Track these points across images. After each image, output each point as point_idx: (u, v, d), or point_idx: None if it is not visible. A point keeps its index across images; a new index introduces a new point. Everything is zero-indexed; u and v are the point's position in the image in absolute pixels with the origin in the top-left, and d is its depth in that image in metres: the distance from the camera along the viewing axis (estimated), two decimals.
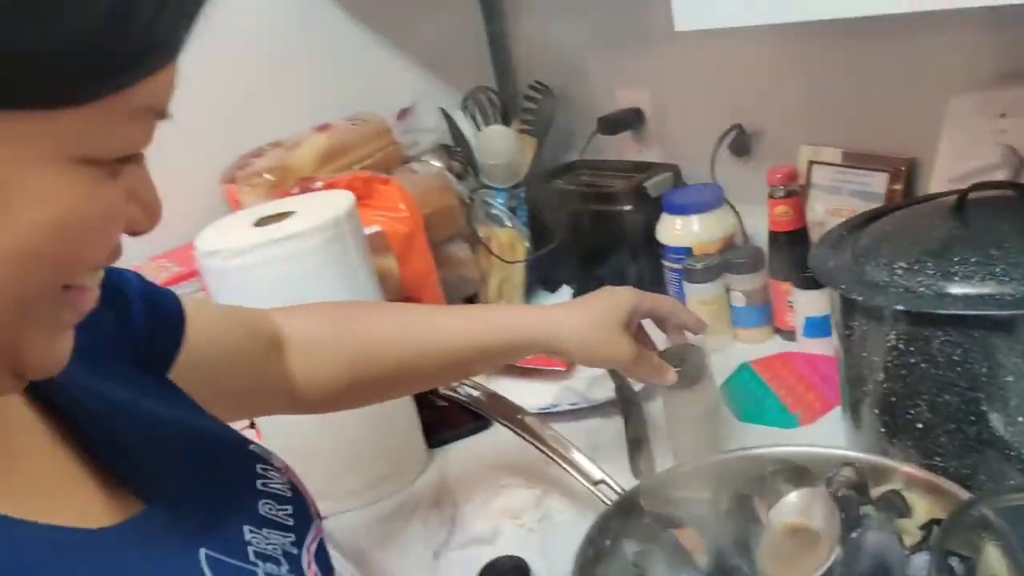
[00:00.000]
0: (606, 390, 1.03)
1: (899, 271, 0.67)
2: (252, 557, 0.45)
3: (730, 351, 1.13)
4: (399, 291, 1.12)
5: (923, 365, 0.66)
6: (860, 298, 0.68)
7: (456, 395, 0.89)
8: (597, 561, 0.68)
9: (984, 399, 0.64)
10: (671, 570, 0.66)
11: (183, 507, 0.43)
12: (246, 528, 0.47)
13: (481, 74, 1.50)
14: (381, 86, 1.40)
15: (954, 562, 0.60)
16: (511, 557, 0.82)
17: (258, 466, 0.52)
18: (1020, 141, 0.87)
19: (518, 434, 0.83)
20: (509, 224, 1.36)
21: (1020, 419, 0.63)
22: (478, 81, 1.47)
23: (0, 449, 0.41)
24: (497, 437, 1.06)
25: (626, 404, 0.93)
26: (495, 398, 0.87)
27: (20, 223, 0.34)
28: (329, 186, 1.10)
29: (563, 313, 0.80)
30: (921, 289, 0.65)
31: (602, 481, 0.77)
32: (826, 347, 1.04)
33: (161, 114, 0.37)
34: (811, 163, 1.15)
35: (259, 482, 0.51)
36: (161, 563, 0.41)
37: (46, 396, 0.45)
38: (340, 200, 0.95)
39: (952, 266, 0.65)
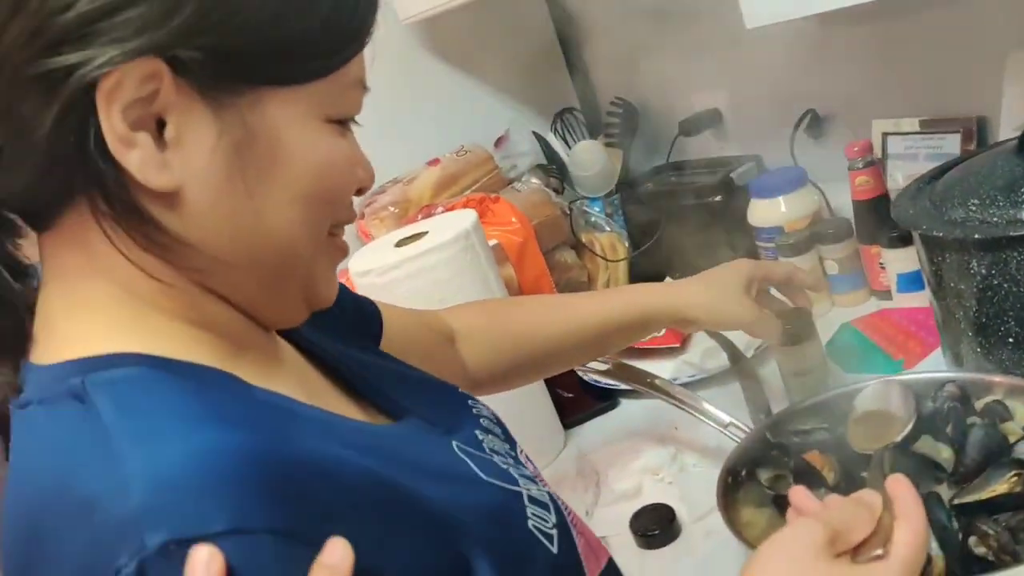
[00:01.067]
0: (719, 360, 1.14)
1: (973, 207, 0.77)
2: (487, 450, 0.57)
3: (830, 316, 1.22)
4: (520, 295, 1.25)
5: (1006, 285, 0.75)
6: (941, 234, 0.77)
7: (592, 370, 1.01)
8: (736, 488, 0.78)
9: None
10: (800, 481, 0.76)
11: (427, 419, 0.56)
12: (476, 431, 0.59)
13: (565, 96, 1.64)
14: (478, 120, 1.55)
15: None
16: (656, 505, 0.93)
17: (468, 400, 0.65)
18: None
19: (650, 394, 0.94)
20: (608, 229, 1.48)
21: None
22: (563, 103, 1.61)
23: (298, 375, 0.54)
24: (624, 413, 1.18)
25: (739, 365, 1.04)
26: (625, 367, 0.99)
27: (300, 169, 0.47)
28: (449, 210, 1.24)
29: (688, 284, 0.90)
30: (995, 219, 0.74)
31: (731, 424, 0.87)
32: (920, 300, 1.12)
33: (365, 87, 0.51)
34: (885, 135, 1.24)
35: (472, 407, 0.64)
36: (432, 447, 0.53)
37: (298, 346, 0.59)
38: (466, 216, 1.09)
39: (1019, 196, 0.74)
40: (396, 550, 0.43)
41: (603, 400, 1.20)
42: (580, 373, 1.24)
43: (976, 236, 0.75)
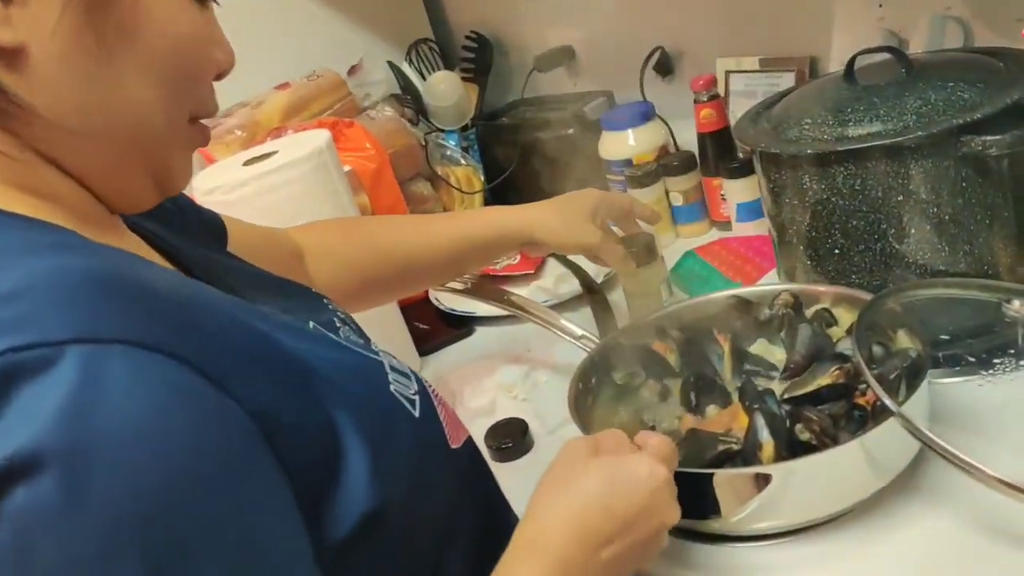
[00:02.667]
0: (571, 286, 1.17)
1: (806, 127, 0.82)
2: (343, 337, 0.57)
3: (674, 246, 1.27)
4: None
5: (834, 199, 0.80)
6: (778, 151, 0.82)
7: (450, 290, 1.01)
8: (587, 394, 0.81)
9: (883, 219, 0.79)
10: (651, 373, 0.80)
11: (281, 308, 0.55)
12: (333, 319, 0.59)
13: (420, 27, 1.61)
14: (330, 48, 1.50)
15: (874, 348, 0.75)
16: (510, 420, 0.95)
17: (323, 298, 0.64)
18: (897, 25, 1.03)
19: (505, 314, 0.96)
20: (464, 162, 1.48)
21: (912, 231, 0.78)
22: (418, 34, 1.58)
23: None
24: (479, 339, 1.20)
25: (590, 290, 1.07)
26: (482, 285, 1.00)
27: (158, 38, 0.45)
28: (300, 131, 1.20)
29: (539, 208, 0.93)
30: (825, 136, 0.80)
31: (583, 336, 0.90)
32: (757, 228, 1.19)
33: None
34: (727, 73, 1.30)
35: (327, 304, 0.63)
36: (288, 321, 0.52)
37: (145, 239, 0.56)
38: (318, 135, 1.06)
39: (847, 116, 0.79)
40: (274, 402, 0.43)
41: (458, 328, 1.21)
42: (436, 302, 1.24)
43: (808, 152, 0.80)
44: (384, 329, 1.11)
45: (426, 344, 1.20)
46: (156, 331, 0.38)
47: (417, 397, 0.55)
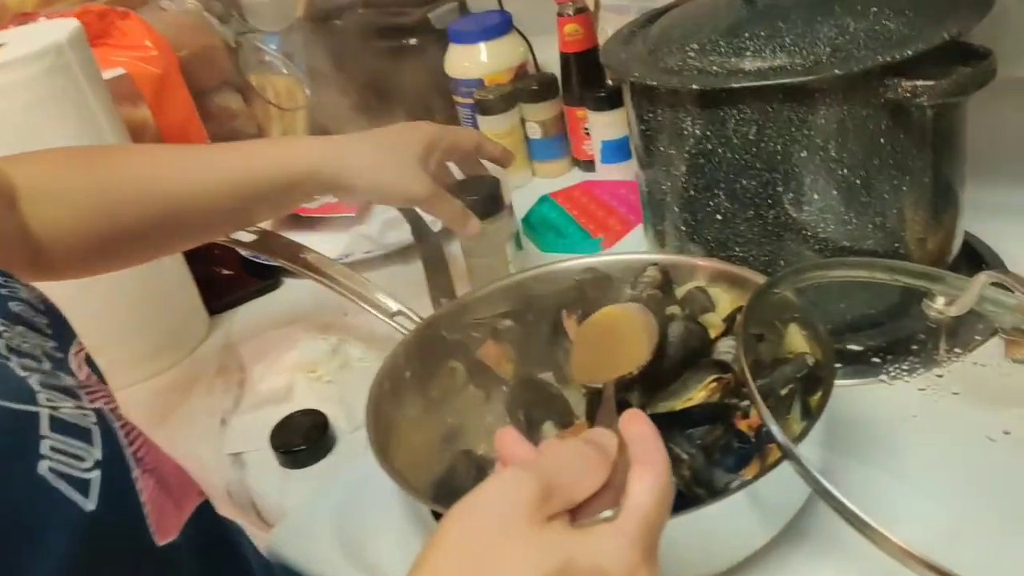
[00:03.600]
0: (402, 233, 0.96)
1: (692, 54, 0.63)
2: (3, 349, 0.35)
3: (529, 187, 1.08)
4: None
5: (720, 150, 0.62)
6: (654, 83, 0.63)
7: (234, 241, 0.78)
8: (395, 395, 0.62)
9: (780, 179, 0.62)
10: (474, 386, 0.61)
11: None
12: None
13: None
14: None
15: (761, 347, 0.59)
16: (307, 411, 0.75)
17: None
18: None
19: (302, 274, 0.74)
20: (286, 71, 1.23)
21: (815, 196, 0.62)
22: None
23: None
24: (287, 295, 0.98)
25: (423, 242, 0.87)
26: (271, 237, 0.78)
27: None
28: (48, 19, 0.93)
29: (353, 143, 0.70)
30: (714, 68, 0.61)
31: (399, 312, 0.70)
32: (625, 172, 1.02)
33: None
34: None
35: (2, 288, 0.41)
36: None
37: None
38: (61, 26, 0.79)
39: (743, 43, 0.61)
40: None
41: (262, 279, 0.99)
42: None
43: (692, 87, 0.61)
44: (160, 276, 0.87)
45: (220, 298, 0.97)
46: None
47: (96, 473, 0.34)
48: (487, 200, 0.79)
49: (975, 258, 0.72)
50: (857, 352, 0.64)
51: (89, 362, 0.46)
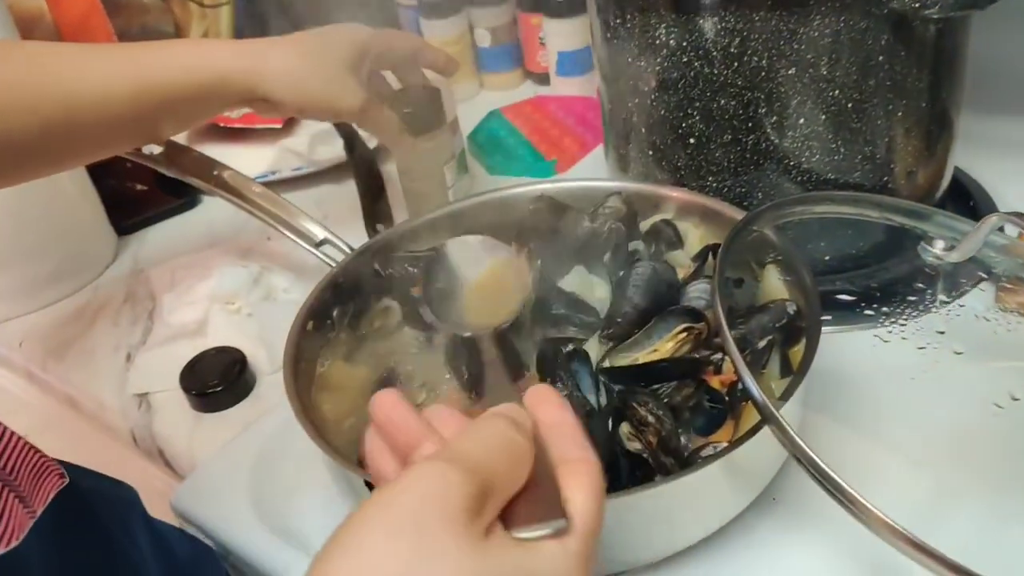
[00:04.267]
0: (334, 149, 0.87)
1: None
2: None
3: (477, 100, 1.00)
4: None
5: (697, 64, 0.54)
6: None
7: (137, 156, 0.68)
8: (321, 336, 0.54)
9: (763, 99, 0.54)
10: (410, 328, 0.53)
11: None
12: None
13: None
14: None
15: (736, 292, 0.52)
16: (223, 349, 0.66)
17: None
18: None
19: (215, 193, 0.65)
20: None
21: (801, 120, 0.55)
22: None
23: None
24: (205, 214, 0.88)
25: (357, 160, 0.77)
26: (180, 151, 0.67)
27: None
28: None
29: (269, 47, 0.60)
30: None
31: (326, 241, 0.61)
32: (582, 86, 0.93)
33: None
34: None
35: None
36: None
37: None
38: None
39: None
40: None
41: (178, 197, 0.89)
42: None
43: None
44: (59, 194, 0.77)
45: (129, 218, 0.87)
46: None
47: None
48: (425, 114, 0.70)
49: (963, 195, 0.66)
50: (840, 296, 0.57)
51: None
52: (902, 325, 0.52)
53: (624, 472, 0.43)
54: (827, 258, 0.59)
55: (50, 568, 0.34)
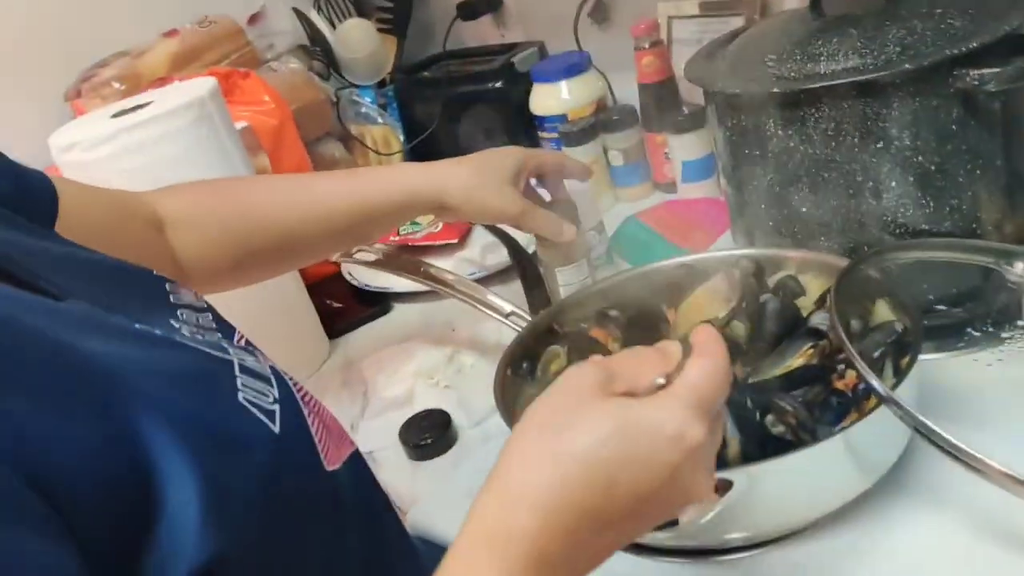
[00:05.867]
0: (500, 256, 1.04)
1: (771, 63, 0.70)
2: (182, 333, 0.43)
3: (614, 211, 1.15)
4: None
5: (802, 147, 0.68)
6: (738, 90, 0.70)
7: (359, 261, 0.87)
8: (515, 381, 0.69)
9: (859, 170, 0.67)
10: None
11: (100, 303, 0.41)
12: (170, 320, 0.45)
13: None
14: None
15: (852, 322, 0.64)
16: (430, 411, 0.82)
17: (164, 283, 0.50)
18: None
19: (423, 289, 0.82)
20: (381, 120, 1.33)
21: (892, 184, 0.67)
22: None
23: None
24: (397, 318, 1.06)
25: (519, 261, 0.94)
26: (396, 256, 0.86)
27: None
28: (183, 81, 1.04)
29: (449, 167, 0.78)
30: (792, 74, 0.68)
31: (513, 313, 0.77)
32: (705, 190, 1.08)
33: None
34: (670, 19, 1.18)
35: (169, 293, 0.49)
36: (103, 330, 0.38)
37: None
38: (201, 84, 0.90)
39: (817, 49, 0.68)
40: (42, 432, 0.31)
41: (373, 306, 1.07)
42: (348, 277, 1.10)
43: (774, 91, 0.68)
44: (287, 308, 0.97)
45: (337, 324, 1.06)
46: None
47: (278, 407, 0.41)
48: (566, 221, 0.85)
49: None
50: (943, 327, 0.68)
51: (248, 344, 0.54)
52: (997, 342, 0.63)
53: (770, 451, 0.54)
54: (930, 296, 0.70)
55: (354, 498, 0.48)
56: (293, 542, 0.40)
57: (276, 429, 0.40)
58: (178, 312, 0.47)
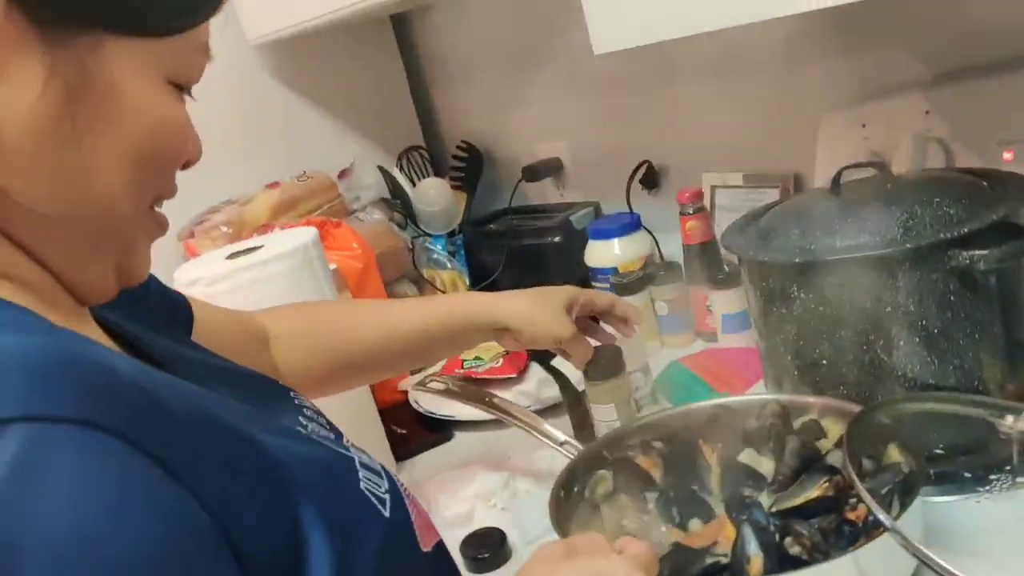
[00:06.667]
0: (554, 390, 1.14)
1: (794, 236, 0.82)
2: (312, 433, 0.54)
3: (659, 355, 1.26)
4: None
5: (821, 308, 0.80)
6: (766, 259, 0.82)
7: (430, 389, 0.99)
8: (568, 502, 0.78)
9: (871, 330, 0.78)
10: (632, 488, 0.76)
11: (246, 400, 0.52)
12: (299, 417, 0.56)
13: (412, 135, 1.64)
14: (322, 149, 1.53)
15: (865, 462, 0.73)
16: (488, 530, 0.91)
17: (289, 391, 0.62)
18: (879, 145, 1.05)
19: (485, 421, 0.93)
20: (450, 266, 1.48)
21: (901, 343, 0.77)
22: (410, 142, 1.61)
23: None
24: (458, 445, 1.16)
25: (569, 395, 1.04)
26: (462, 385, 0.98)
27: (134, 124, 0.44)
28: (287, 228, 1.20)
29: (511, 296, 0.92)
30: (813, 247, 0.80)
31: (566, 442, 0.87)
32: (742, 340, 1.19)
33: (210, 55, 0.49)
34: (713, 188, 1.32)
35: (294, 399, 0.61)
36: (262, 425, 0.49)
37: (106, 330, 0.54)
38: (305, 232, 1.06)
39: (833, 227, 0.80)
40: (236, 500, 0.40)
41: (437, 432, 1.18)
42: (415, 405, 1.22)
43: (797, 261, 0.79)
44: (361, 431, 1.08)
45: (403, 448, 1.16)
46: (112, 414, 0.36)
47: (388, 496, 0.52)
48: (612, 364, 0.96)
49: None
50: (949, 472, 0.76)
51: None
52: (995, 491, 0.71)
53: (787, 568, 0.63)
54: (940, 446, 0.78)
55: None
56: None
57: (387, 514, 0.50)
58: (303, 411, 0.58)
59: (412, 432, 1.21)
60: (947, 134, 0.99)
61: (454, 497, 0.99)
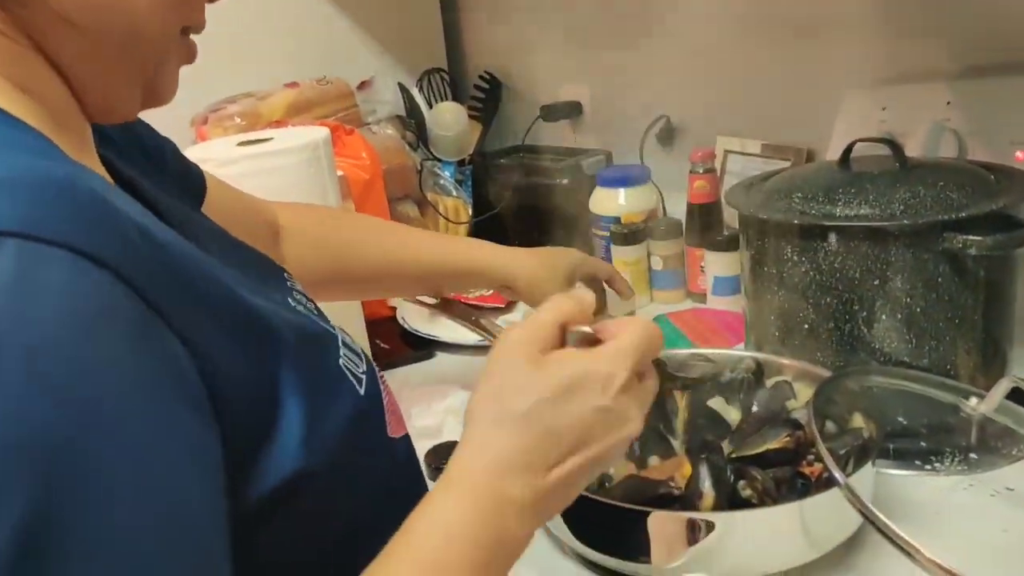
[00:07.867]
0: None
1: (796, 200, 0.83)
2: (293, 306, 0.56)
3: (648, 309, 1.28)
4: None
5: (811, 273, 0.81)
6: (765, 216, 0.83)
7: (420, 302, 1.01)
8: None
9: (856, 300, 0.79)
10: None
11: (244, 272, 0.53)
12: (288, 298, 0.58)
13: (435, 58, 1.64)
14: (346, 59, 1.52)
15: (828, 424, 0.75)
16: (455, 442, 0.93)
17: (283, 272, 0.63)
18: (897, 128, 1.05)
19: (474, 330, 0.95)
20: (455, 194, 1.49)
21: (883, 317, 0.79)
22: (433, 64, 1.60)
23: None
24: (438, 364, 1.18)
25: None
26: (450, 302, 0.99)
27: None
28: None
29: (523, 255, 0.93)
30: (813, 211, 0.81)
31: None
32: (730, 304, 1.20)
33: None
34: (727, 152, 1.32)
35: (287, 280, 0.62)
36: (254, 291, 0.49)
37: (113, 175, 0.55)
38: (316, 131, 1.06)
39: (837, 196, 0.81)
40: (220, 346, 0.41)
41: (419, 349, 1.20)
42: (401, 322, 1.23)
43: (795, 222, 0.81)
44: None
45: (384, 360, 1.18)
46: (110, 249, 0.37)
47: (364, 376, 0.54)
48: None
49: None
50: (906, 448, 0.78)
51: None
52: (948, 465, 0.73)
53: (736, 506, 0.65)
54: (903, 421, 0.80)
55: (406, 466, 0.59)
56: (357, 478, 0.51)
57: (361, 391, 0.52)
58: (294, 293, 0.60)
59: (395, 347, 1.23)
60: (964, 127, 0.99)
61: (427, 410, 1.01)
